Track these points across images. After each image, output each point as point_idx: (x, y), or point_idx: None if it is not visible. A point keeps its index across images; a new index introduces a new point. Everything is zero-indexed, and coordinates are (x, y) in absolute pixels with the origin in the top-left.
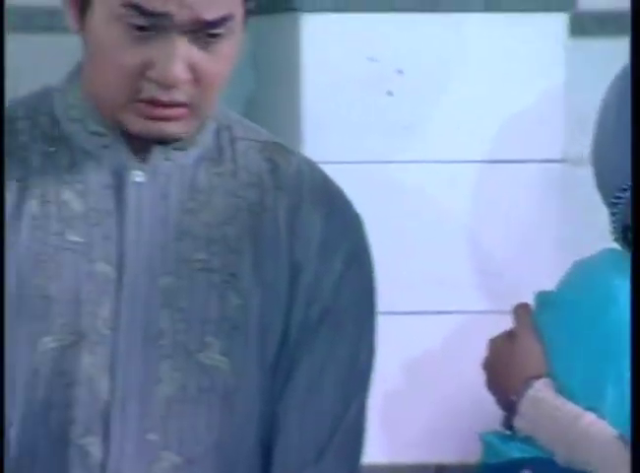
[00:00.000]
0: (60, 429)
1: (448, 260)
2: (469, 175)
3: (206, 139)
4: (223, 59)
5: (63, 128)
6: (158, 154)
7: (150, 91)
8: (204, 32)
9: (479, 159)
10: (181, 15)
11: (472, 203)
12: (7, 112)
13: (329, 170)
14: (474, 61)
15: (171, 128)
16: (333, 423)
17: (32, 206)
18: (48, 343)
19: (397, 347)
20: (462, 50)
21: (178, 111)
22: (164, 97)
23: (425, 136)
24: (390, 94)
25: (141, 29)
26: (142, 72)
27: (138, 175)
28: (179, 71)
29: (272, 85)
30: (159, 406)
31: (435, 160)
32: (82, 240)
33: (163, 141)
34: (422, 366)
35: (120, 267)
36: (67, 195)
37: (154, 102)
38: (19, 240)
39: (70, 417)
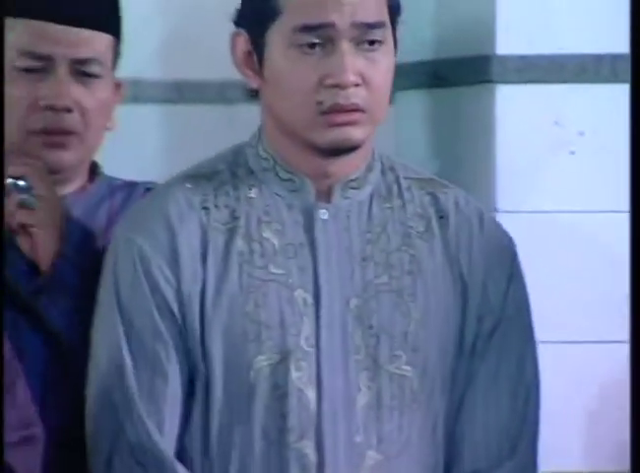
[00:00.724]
0: (278, 435)
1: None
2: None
3: (375, 178)
4: (383, 67)
5: (258, 177)
6: (338, 194)
7: (331, 99)
8: (364, 38)
9: None
10: (343, 22)
11: None
12: (209, 167)
13: (521, 217)
14: None
15: (354, 133)
16: (510, 419)
17: (239, 245)
18: (262, 361)
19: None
20: None
21: (357, 116)
22: (344, 101)
23: (604, 188)
24: (572, 153)
25: (312, 46)
26: (320, 84)
27: (324, 213)
28: (351, 73)
29: (470, 145)
30: (360, 412)
31: (608, 210)
32: (282, 272)
33: (348, 149)
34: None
35: (316, 293)
36: (267, 233)
37: (337, 109)
38: (229, 275)
39: (286, 424)
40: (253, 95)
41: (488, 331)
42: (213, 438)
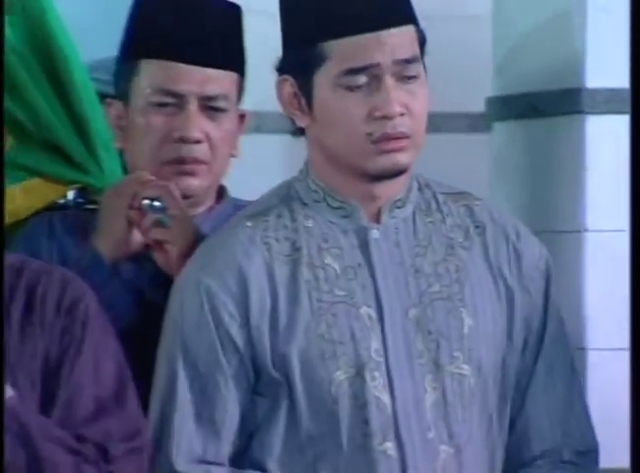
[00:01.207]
0: (363, 439)
1: None
2: None
3: (414, 196)
4: (422, 97)
5: (311, 208)
6: (386, 214)
7: (380, 129)
8: (403, 73)
9: None
10: (386, 60)
11: None
12: (264, 204)
13: (608, 237)
14: None
15: (402, 158)
16: (569, 406)
17: (305, 273)
18: (340, 376)
19: None
20: None
21: (404, 142)
22: (392, 130)
23: None
24: None
25: (358, 87)
26: (369, 116)
27: (375, 233)
28: (396, 105)
29: (562, 172)
30: (429, 411)
31: None
32: (346, 293)
33: (396, 173)
34: None
35: (378, 307)
36: (328, 259)
37: (386, 138)
38: (301, 302)
39: (369, 429)
40: (299, 132)
41: (537, 329)
42: (302, 449)
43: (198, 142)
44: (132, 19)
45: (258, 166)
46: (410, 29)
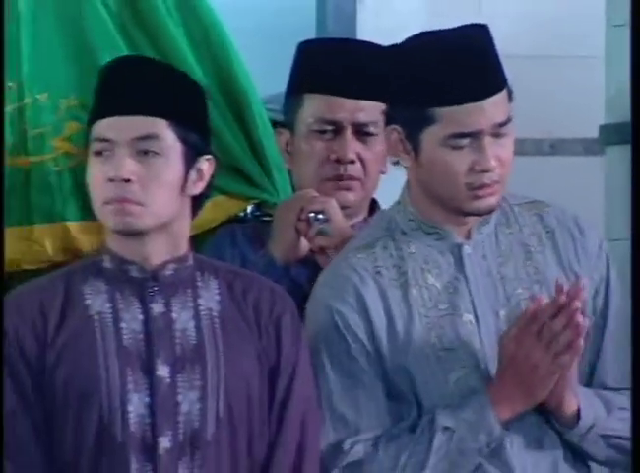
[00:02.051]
0: None
1: None
2: None
3: (496, 213)
4: (510, 148)
5: (410, 236)
6: (475, 232)
7: (479, 180)
8: (498, 132)
9: None
10: (487, 126)
11: None
12: (370, 237)
13: None
14: None
15: (493, 201)
16: (625, 359)
17: (414, 293)
18: (456, 375)
19: None
20: None
21: (496, 188)
22: (489, 180)
23: None
24: None
25: (462, 147)
26: (470, 170)
27: (467, 249)
28: (493, 160)
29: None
30: None
31: None
32: (448, 306)
33: (487, 212)
34: None
35: (475, 312)
36: (431, 280)
37: (482, 187)
38: (413, 319)
39: None
40: (396, 163)
41: (602, 302)
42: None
43: (352, 162)
44: (297, 61)
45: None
46: (504, 93)
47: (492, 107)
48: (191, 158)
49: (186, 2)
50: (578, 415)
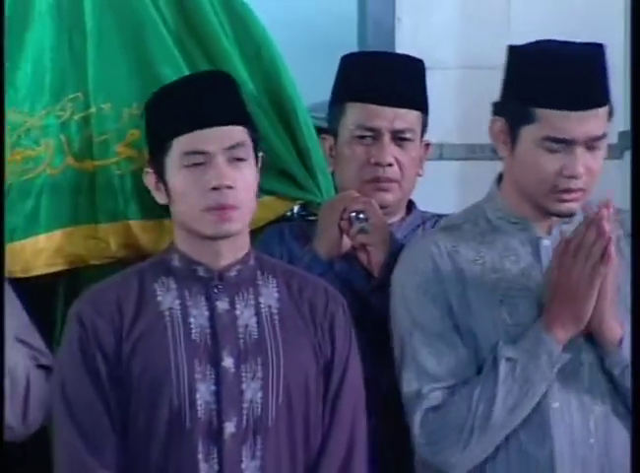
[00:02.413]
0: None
1: None
2: None
3: (579, 217)
4: (600, 161)
5: (494, 224)
6: (556, 230)
7: (565, 184)
8: (593, 145)
9: None
10: (582, 137)
11: None
12: (457, 219)
13: None
14: None
15: (575, 206)
16: None
17: (489, 275)
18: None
19: None
20: None
21: (579, 195)
22: (574, 186)
23: None
24: None
25: (555, 151)
26: (559, 174)
27: (546, 243)
28: (582, 168)
29: None
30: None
31: None
32: (522, 288)
33: (568, 215)
34: None
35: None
36: (507, 265)
37: (568, 191)
38: (489, 297)
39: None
40: (497, 155)
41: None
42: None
43: (390, 165)
44: (340, 72)
45: (439, 185)
46: (605, 109)
47: (591, 120)
48: (257, 160)
49: (239, 19)
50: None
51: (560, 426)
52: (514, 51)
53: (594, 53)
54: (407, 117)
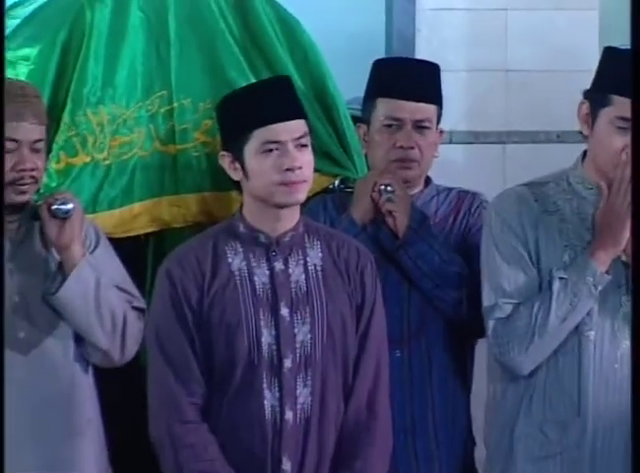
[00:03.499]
0: (576, 332)
1: None
2: None
3: None
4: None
5: (573, 188)
6: None
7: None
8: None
9: None
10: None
11: None
12: (542, 179)
13: None
14: None
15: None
16: None
17: (559, 224)
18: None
19: None
20: None
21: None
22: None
23: None
24: None
25: (623, 128)
26: (623, 150)
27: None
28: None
29: None
30: (620, 314)
31: None
32: (589, 241)
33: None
34: None
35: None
36: (577, 221)
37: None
38: (556, 239)
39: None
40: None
41: None
42: None
43: (412, 148)
44: (372, 73)
45: (449, 165)
46: None
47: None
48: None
49: (290, 30)
50: None
51: (591, 349)
52: (604, 51)
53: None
54: (425, 110)
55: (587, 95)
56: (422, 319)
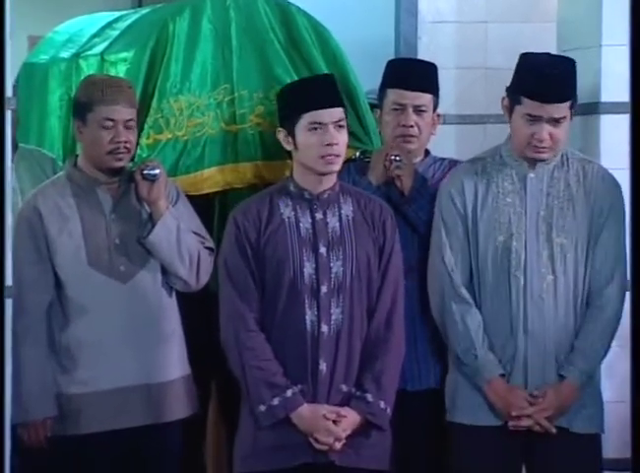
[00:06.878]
0: (507, 273)
1: None
2: None
3: (557, 159)
4: (561, 130)
5: (504, 160)
6: (538, 166)
7: (536, 142)
8: (554, 121)
9: None
10: (546, 116)
11: None
12: (481, 155)
13: None
14: None
15: (546, 155)
16: (617, 258)
17: (494, 189)
18: (500, 241)
19: None
20: None
21: (550, 152)
22: (539, 144)
23: None
24: None
25: (532, 121)
26: (531, 137)
27: (531, 175)
28: (546, 135)
29: None
30: (545, 258)
31: None
32: (512, 201)
33: (541, 160)
34: None
35: (525, 210)
36: (501, 187)
37: (537, 148)
38: (487, 201)
39: (511, 258)
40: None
41: (603, 220)
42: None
43: (412, 126)
44: (386, 70)
45: (442, 141)
46: (567, 103)
47: (552, 109)
48: None
49: (321, 36)
50: None
51: (521, 285)
52: (520, 57)
53: (562, 62)
54: (423, 98)
55: (507, 91)
56: (421, 256)
